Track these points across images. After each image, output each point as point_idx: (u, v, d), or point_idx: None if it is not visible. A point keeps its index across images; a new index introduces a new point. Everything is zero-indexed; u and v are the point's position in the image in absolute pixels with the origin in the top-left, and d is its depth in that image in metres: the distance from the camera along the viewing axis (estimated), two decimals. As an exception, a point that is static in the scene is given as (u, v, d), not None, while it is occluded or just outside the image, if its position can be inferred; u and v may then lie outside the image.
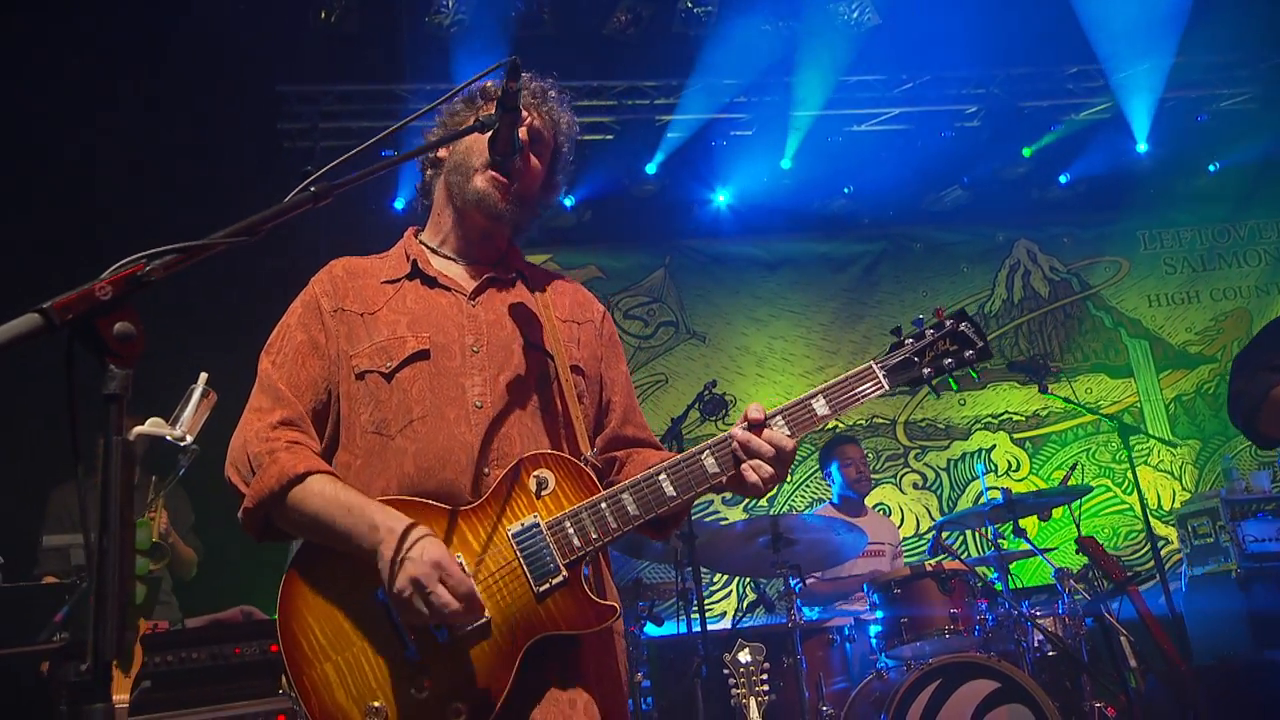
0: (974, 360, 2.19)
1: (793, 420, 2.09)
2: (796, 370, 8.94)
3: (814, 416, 2.11)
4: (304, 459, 2.05)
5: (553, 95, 2.37)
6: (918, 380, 2.17)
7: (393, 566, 1.91)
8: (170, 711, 3.49)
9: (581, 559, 2.03)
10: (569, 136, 2.41)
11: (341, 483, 2.06)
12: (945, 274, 9.35)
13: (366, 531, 1.95)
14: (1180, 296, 9.53)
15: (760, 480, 2.03)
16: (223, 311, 6.34)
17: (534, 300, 2.34)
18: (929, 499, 8.80)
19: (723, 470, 2.06)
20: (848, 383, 2.14)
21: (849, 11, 7.51)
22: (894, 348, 2.20)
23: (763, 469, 2.03)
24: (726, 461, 2.06)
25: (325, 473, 2.06)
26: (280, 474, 2.01)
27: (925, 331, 2.20)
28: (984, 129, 8.69)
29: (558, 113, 2.37)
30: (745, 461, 2.04)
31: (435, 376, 2.14)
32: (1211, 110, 8.93)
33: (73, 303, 1.31)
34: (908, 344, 2.19)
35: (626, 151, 8.28)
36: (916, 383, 2.18)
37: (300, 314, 2.24)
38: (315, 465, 2.05)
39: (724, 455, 2.07)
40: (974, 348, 2.19)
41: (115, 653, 1.27)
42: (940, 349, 2.18)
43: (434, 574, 1.89)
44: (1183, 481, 8.98)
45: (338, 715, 1.95)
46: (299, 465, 2.03)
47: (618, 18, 7.33)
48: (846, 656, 5.14)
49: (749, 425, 2.06)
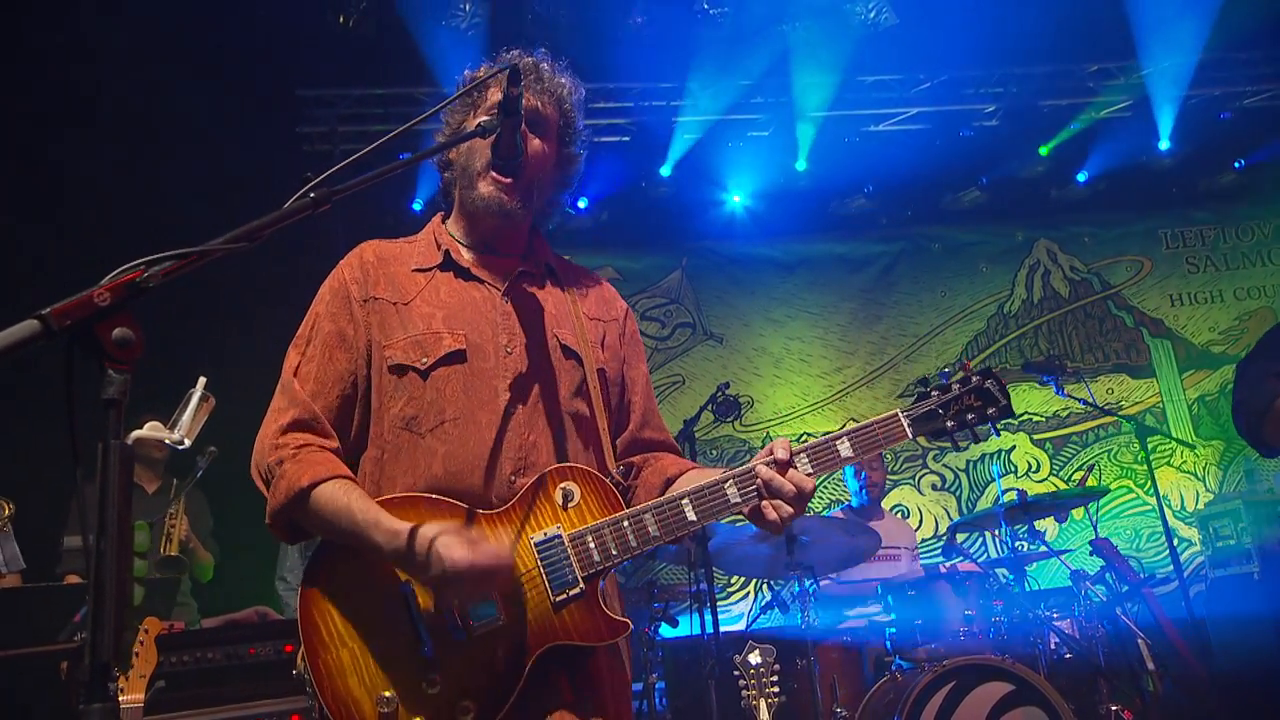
0: (996, 418, 2.24)
1: (816, 460, 2.13)
2: (813, 371, 8.91)
3: (838, 458, 2.15)
4: (309, 468, 2.05)
5: (545, 68, 2.32)
6: (940, 432, 2.23)
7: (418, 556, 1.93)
8: (185, 711, 3.54)
9: (599, 573, 2.07)
10: (574, 103, 2.36)
11: (351, 487, 2.06)
12: (964, 274, 9.30)
13: (381, 538, 1.97)
14: (1203, 296, 9.42)
15: (779, 519, 2.08)
16: (240, 313, 6.40)
17: (563, 296, 2.35)
18: (948, 500, 8.76)
19: (744, 501, 2.10)
20: (873, 428, 2.18)
21: (866, 11, 7.48)
22: (920, 398, 2.24)
23: (783, 509, 2.07)
24: (749, 494, 2.10)
25: (334, 478, 2.05)
26: (288, 489, 2.03)
27: (952, 385, 2.24)
28: (1003, 128, 8.64)
29: (553, 84, 2.32)
30: (766, 499, 2.08)
31: (469, 377, 2.15)
32: (1235, 107, 8.83)
33: (71, 309, 1.34)
34: (934, 395, 2.23)
35: (642, 153, 8.30)
36: (939, 434, 2.23)
37: (329, 302, 2.22)
38: (321, 473, 2.05)
39: (747, 489, 2.10)
40: (997, 405, 2.24)
41: (112, 654, 1.29)
42: (965, 404, 2.23)
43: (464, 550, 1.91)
44: (1206, 483, 8.88)
45: (349, 701, 1.98)
46: (303, 477, 2.03)
47: (633, 19, 7.34)
48: (860, 658, 5.12)
49: (774, 463, 2.09)
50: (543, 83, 2.29)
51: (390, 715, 1.96)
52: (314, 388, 2.15)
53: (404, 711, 1.97)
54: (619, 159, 8.22)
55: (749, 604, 8.19)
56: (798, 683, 4.81)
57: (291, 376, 2.17)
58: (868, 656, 5.17)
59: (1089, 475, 6.79)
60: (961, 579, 4.89)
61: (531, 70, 2.28)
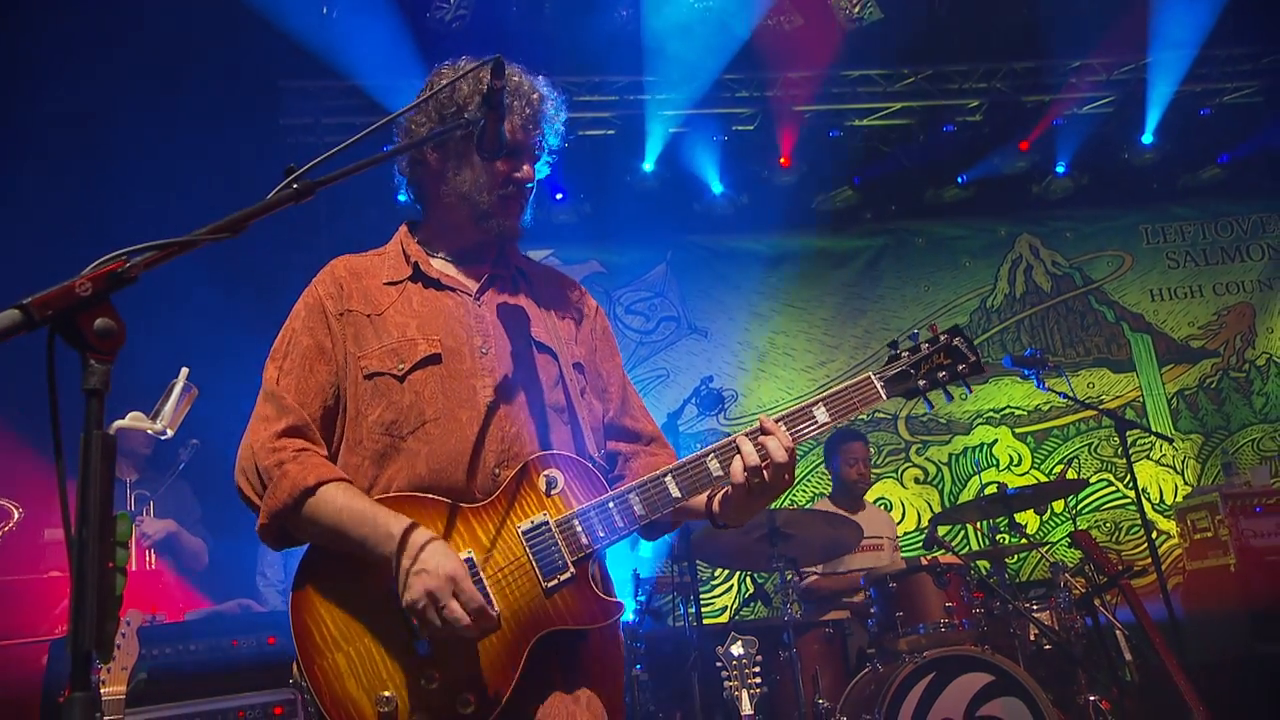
0: (967, 374, 2.31)
1: (793, 426, 2.17)
2: (798, 365, 8.95)
3: (814, 424, 2.19)
4: (313, 469, 2.06)
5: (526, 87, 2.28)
6: (914, 391, 2.29)
7: (407, 577, 1.94)
8: (168, 703, 3.53)
9: (589, 556, 2.09)
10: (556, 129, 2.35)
11: (354, 490, 2.07)
12: (947, 269, 9.35)
13: (382, 540, 1.98)
14: (1183, 291, 9.50)
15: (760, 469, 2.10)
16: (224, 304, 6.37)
17: (533, 296, 2.37)
18: (930, 494, 8.82)
19: (726, 473, 2.13)
20: (847, 392, 2.23)
21: (851, 6, 7.50)
22: (891, 359, 2.31)
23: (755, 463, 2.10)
24: (729, 465, 2.13)
25: (336, 480, 2.07)
26: (292, 487, 2.03)
27: (921, 345, 2.31)
28: (986, 123, 8.68)
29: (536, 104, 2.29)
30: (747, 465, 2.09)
31: (447, 379, 2.16)
32: (1215, 104, 8.90)
33: (52, 299, 1.33)
34: (904, 356, 2.30)
35: (627, 147, 8.29)
36: (912, 394, 2.29)
37: (305, 318, 2.23)
38: (325, 474, 2.06)
39: (727, 459, 2.13)
40: (966, 362, 2.31)
41: (95, 644, 1.30)
42: (935, 362, 2.30)
43: (448, 588, 1.92)
44: (1184, 476, 8.97)
45: (348, 704, 1.99)
46: (309, 477, 2.04)
47: (618, 12, 7.33)
48: (842, 650, 5.16)
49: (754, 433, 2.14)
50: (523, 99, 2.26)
51: (390, 715, 1.96)
52: (297, 399, 2.15)
53: (404, 710, 1.98)
54: (603, 152, 8.20)
55: (733, 597, 8.23)
56: (780, 674, 4.85)
57: (275, 387, 2.16)
58: (849, 648, 5.21)
59: (1068, 469, 6.84)
60: (942, 571, 4.93)
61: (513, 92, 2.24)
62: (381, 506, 2.03)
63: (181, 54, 6.30)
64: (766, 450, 2.10)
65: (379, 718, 1.97)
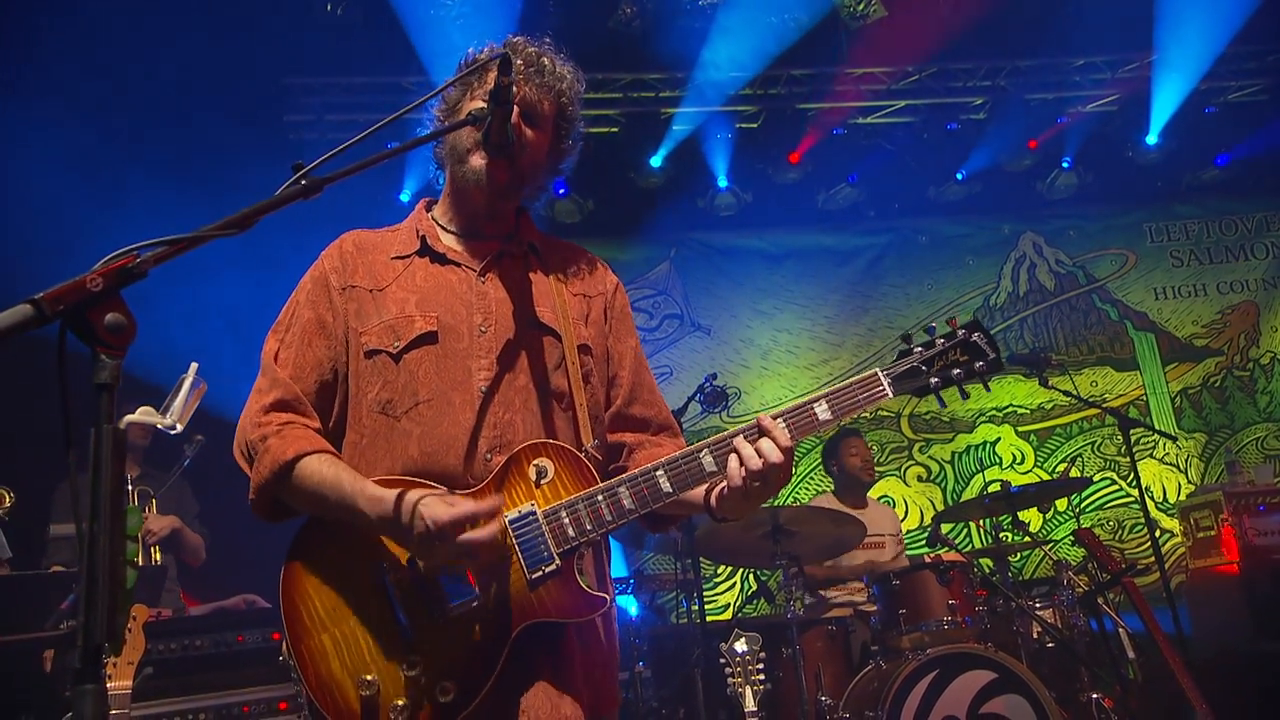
0: (984, 371, 2.18)
1: (794, 423, 2.08)
2: (801, 363, 8.95)
3: (815, 420, 2.11)
4: (294, 442, 2.06)
5: (546, 61, 2.28)
6: (924, 389, 2.17)
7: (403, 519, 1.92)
8: (173, 698, 3.54)
9: (575, 549, 2.05)
10: (572, 96, 2.34)
11: (335, 460, 2.07)
12: (950, 267, 9.34)
13: (366, 505, 1.97)
14: (1186, 289, 9.50)
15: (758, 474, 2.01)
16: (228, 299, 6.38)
17: (545, 273, 2.32)
18: (933, 491, 8.82)
19: (720, 470, 2.07)
20: (852, 389, 2.13)
21: (854, 3, 7.50)
22: (902, 355, 2.19)
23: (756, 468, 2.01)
24: (724, 461, 2.06)
25: (317, 452, 2.06)
26: (272, 462, 2.04)
27: (936, 340, 2.20)
28: (990, 121, 8.67)
29: (553, 78, 2.28)
30: (743, 461, 2.03)
31: (442, 359, 2.14)
32: (1219, 102, 8.89)
33: (64, 294, 1.34)
34: (916, 352, 2.19)
35: (632, 144, 8.30)
36: (922, 391, 2.17)
37: (309, 290, 2.23)
38: (305, 447, 2.06)
39: (722, 455, 2.07)
40: (985, 359, 2.18)
41: (106, 636, 1.31)
42: (950, 359, 2.18)
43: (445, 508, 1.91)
44: (1188, 474, 8.96)
45: (332, 685, 1.99)
46: (288, 450, 2.04)
47: (623, 10, 7.33)
48: (845, 647, 5.16)
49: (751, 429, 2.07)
50: (543, 75, 2.26)
51: (372, 698, 1.97)
52: (292, 373, 2.16)
53: (385, 693, 1.97)
54: (609, 150, 8.20)
55: (736, 594, 8.24)
56: (783, 671, 4.85)
57: (272, 361, 2.18)
58: (853, 645, 5.21)
59: (1071, 467, 6.84)
60: (945, 569, 4.93)
61: (532, 62, 2.25)
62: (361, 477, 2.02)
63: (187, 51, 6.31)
64: (762, 453, 2.02)
65: (361, 701, 1.96)
